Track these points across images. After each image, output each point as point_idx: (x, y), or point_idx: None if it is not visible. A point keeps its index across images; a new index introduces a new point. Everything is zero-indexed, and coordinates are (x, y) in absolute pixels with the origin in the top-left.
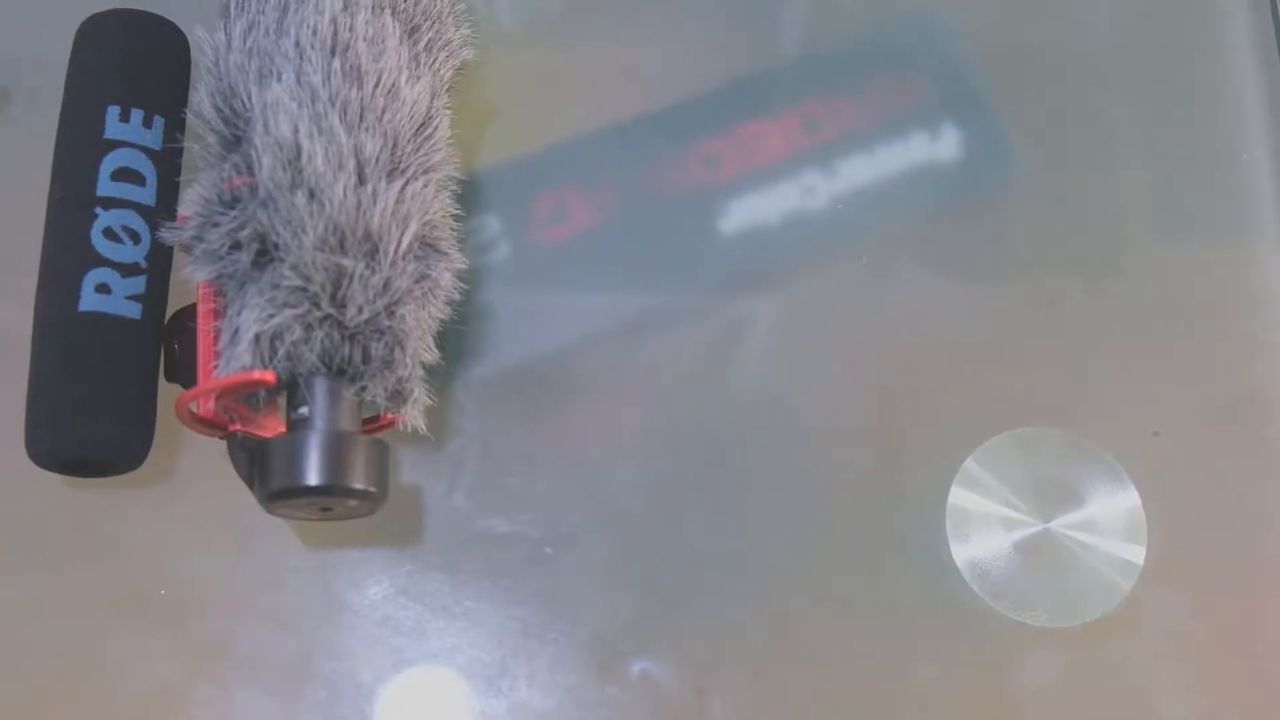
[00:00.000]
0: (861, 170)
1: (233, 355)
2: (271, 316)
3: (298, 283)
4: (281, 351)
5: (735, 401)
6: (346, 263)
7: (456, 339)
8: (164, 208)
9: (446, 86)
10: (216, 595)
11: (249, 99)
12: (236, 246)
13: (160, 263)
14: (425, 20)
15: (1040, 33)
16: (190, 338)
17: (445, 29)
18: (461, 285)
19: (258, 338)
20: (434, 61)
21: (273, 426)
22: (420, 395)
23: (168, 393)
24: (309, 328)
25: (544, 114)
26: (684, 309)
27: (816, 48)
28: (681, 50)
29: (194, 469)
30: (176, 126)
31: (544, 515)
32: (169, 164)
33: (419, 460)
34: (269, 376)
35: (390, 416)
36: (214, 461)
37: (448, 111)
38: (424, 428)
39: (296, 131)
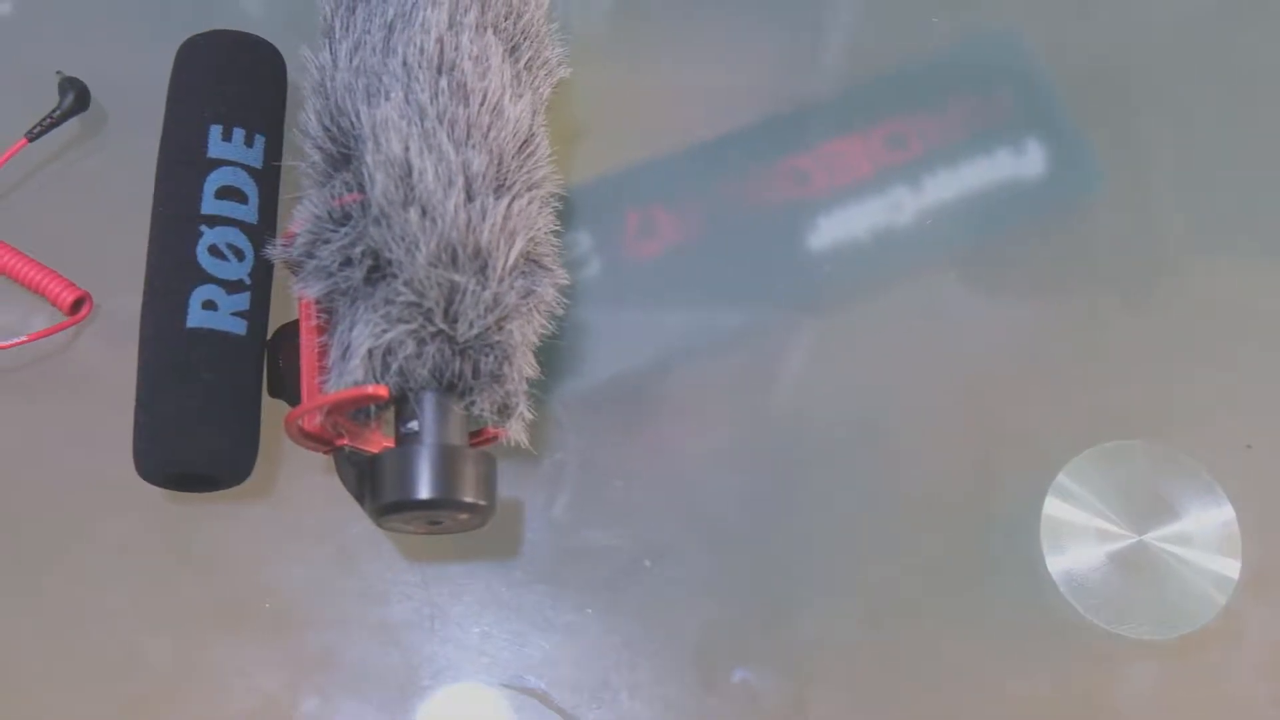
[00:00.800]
0: (947, 186)
1: (344, 370)
2: (385, 332)
3: (411, 298)
4: (394, 367)
5: (826, 414)
6: (459, 278)
7: (551, 353)
8: (265, 225)
9: (544, 104)
10: (320, 608)
11: (357, 117)
12: (348, 263)
13: (262, 279)
14: (524, 39)
15: (1120, 49)
16: (294, 354)
17: (543, 48)
18: (562, 300)
19: (370, 353)
20: (534, 80)
21: (376, 441)
22: (524, 409)
23: (269, 408)
24: (421, 343)
25: (633, 131)
26: (773, 323)
27: (900, 65)
28: (768, 68)
29: (294, 484)
30: (275, 145)
31: (641, 528)
32: (269, 182)
33: (518, 474)
34: (382, 391)
35: (494, 431)
36: (314, 476)
37: (545, 128)
38: (526, 442)
39: (407, 149)
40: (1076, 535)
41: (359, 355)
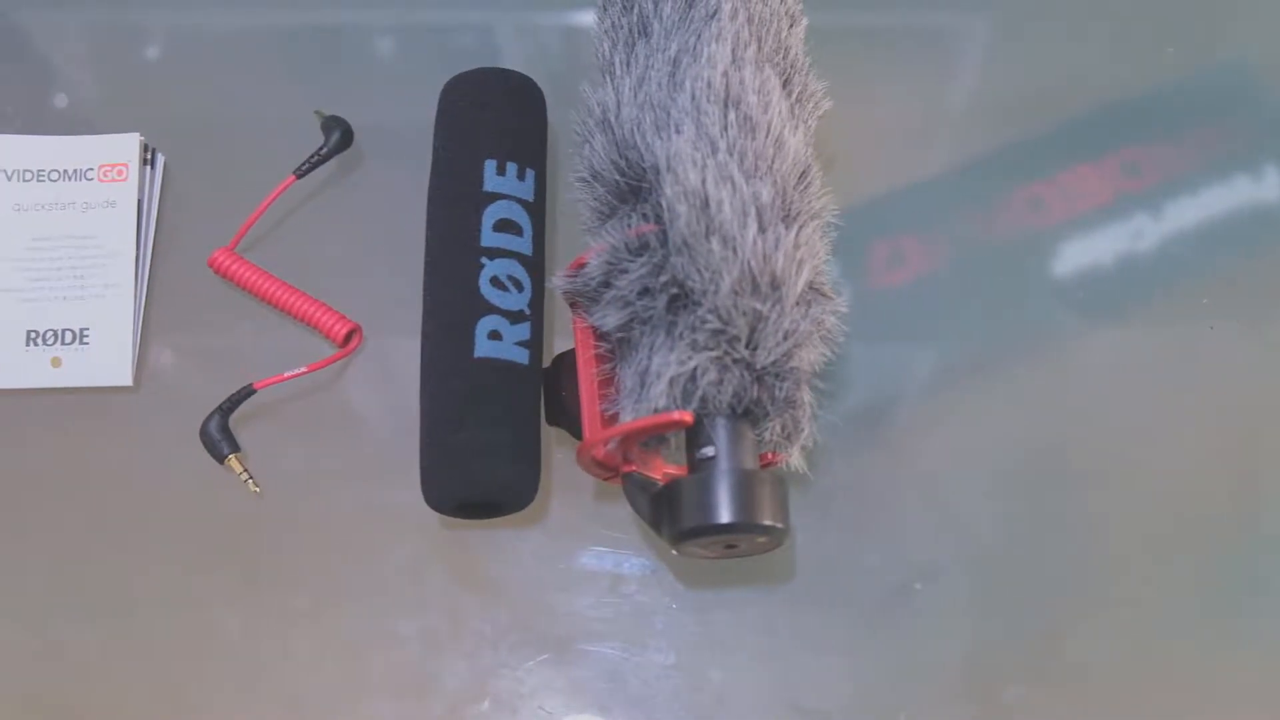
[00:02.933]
0: (1187, 213)
1: (643, 398)
2: (689, 359)
3: (717, 325)
4: (696, 393)
5: (1085, 437)
6: (761, 307)
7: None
8: (539, 257)
9: (813, 136)
10: (599, 631)
11: (647, 151)
12: (646, 292)
13: (539, 310)
14: (794, 73)
15: None
16: (573, 383)
17: (809, 81)
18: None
19: (673, 380)
20: (804, 112)
21: (658, 467)
22: (809, 435)
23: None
24: (723, 369)
25: (875, 162)
26: (1025, 348)
27: (1135, 94)
28: (1003, 99)
29: (566, 508)
30: (543, 179)
31: (910, 551)
32: (540, 215)
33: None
34: (688, 417)
35: (771, 456)
36: (584, 500)
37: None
38: (804, 466)
39: (704, 181)
40: None
41: (662, 382)
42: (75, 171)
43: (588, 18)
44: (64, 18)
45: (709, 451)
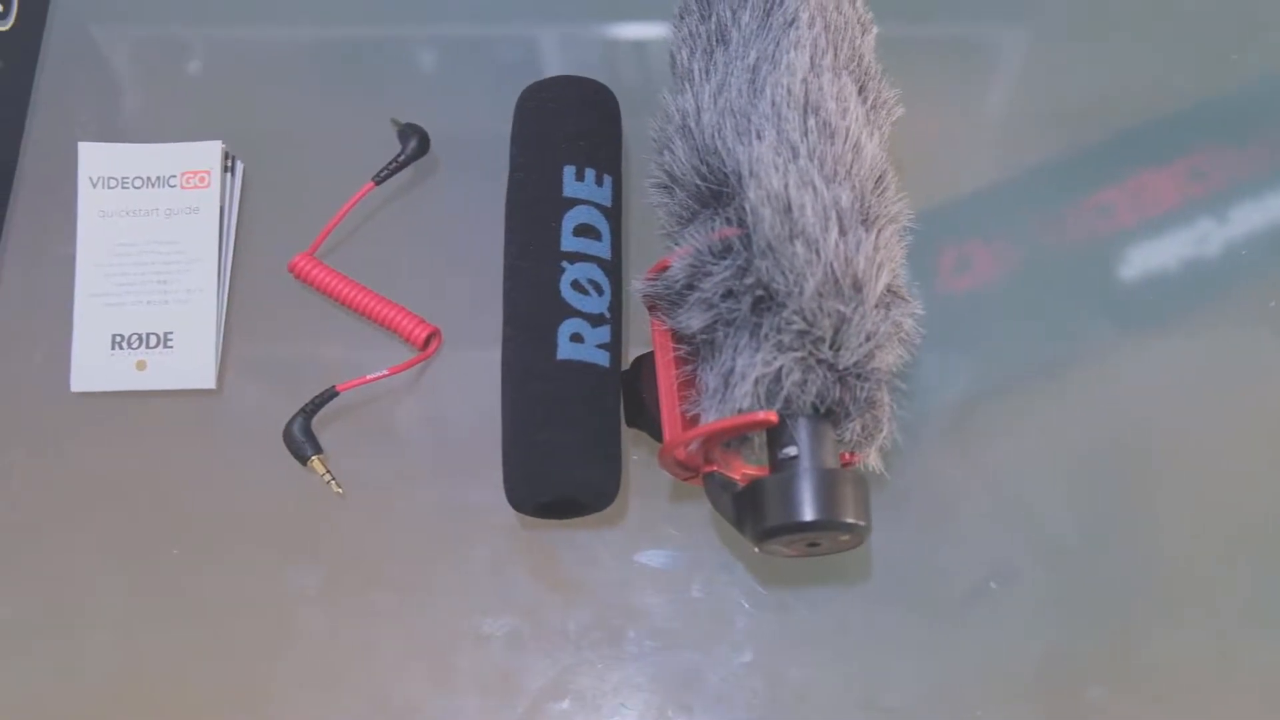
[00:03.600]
0: (1253, 217)
1: (727, 398)
2: (774, 360)
3: (802, 327)
4: (781, 394)
5: (1153, 439)
6: (844, 308)
7: None
8: (617, 261)
9: (887, 141)
10: (680, 630)
11: (728, 156)
12: (730, 294)
13: (618, 313)
14: (868, 80)
15: None
16: (652, 385)
17: (883, 89)
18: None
19: (758, 380)
20: (878, 118)
21: (738, 468)
22: (889, 435)
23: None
24: (807, 370)
25: (943, 168)
26: (1094, 351)
27: (1201, 100)
28: (1068, 106)
29: (645, 508)
30: (619, 183)
31: (985, 550)
32: (616, 220)
33: None
34: (772, 417)
35: (851, 456)
36: (660, 501)
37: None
38: (880, 466)
39: (786, 185)
40: None
41: (747, 383)
42: (159, 179)
43: (640, 29)
44: (138, 31)
45: (791, 451)
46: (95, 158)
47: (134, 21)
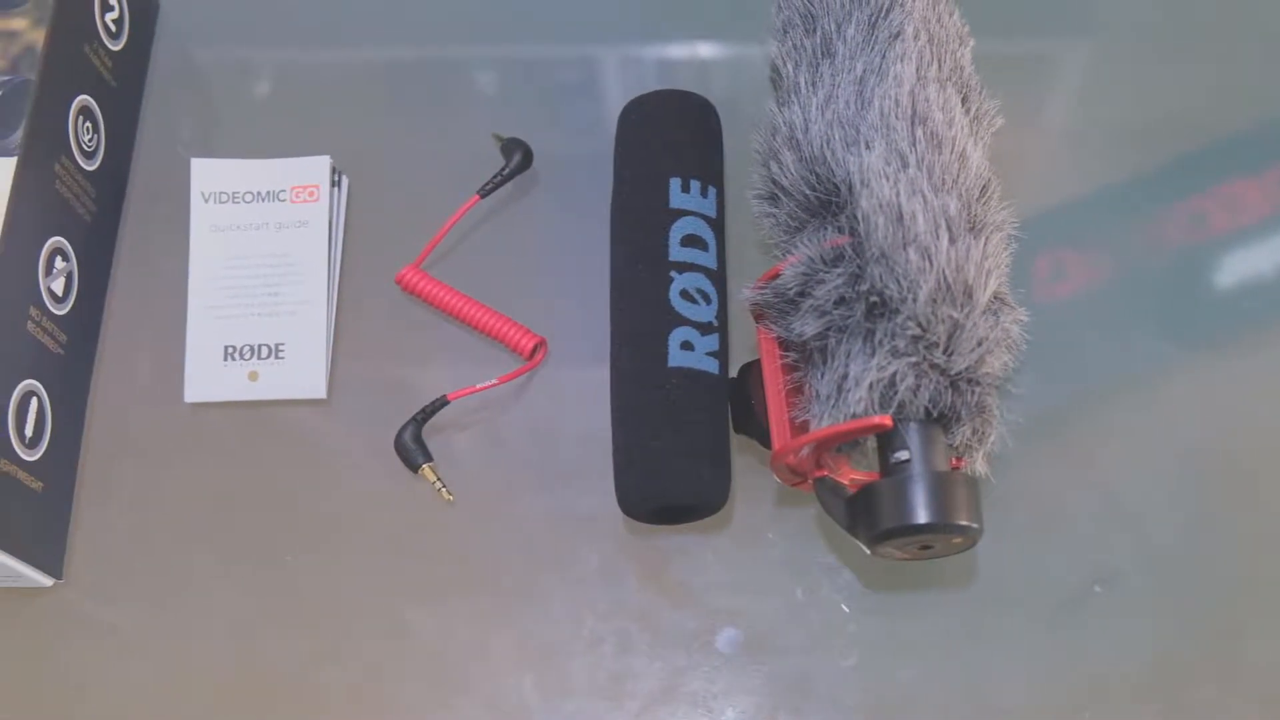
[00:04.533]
0: None
1: (840, 404)
2: (888, 365)
3: (917, 332)
4: (894, 399)
5: (1255, 441)
6: (956, 314)
7: None
8: (722, 271)
9: (988, 151)
10: (787, 635)
11: (838, 166)
12: (842, 301)
13: (724, 322)
14: (970, 91)
15: None
16: (762, 392)
17: (984, 100)
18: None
19: (872, 386)
20: (980, 129)
21: (845, 473)
22: (994, 440)
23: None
24: (920, 375)
25: (1035, 176)
26: (1189, 355)
27: None
28: (1158, 116)
29: (751, 514)
30: (722, 195)
31: (1087, 554)
32: (721, 230)
33: None
34: (887, 421)
35: (957, 461)
36: (766, 506)
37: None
38: (986, 471)
39: (897, 194)
40: None
41: (861, 388)
42: (269, 193)
43: (728, 48)
44: (237, 52)
45: (904, 455)
46: (207, 173)
47: (232, 43)
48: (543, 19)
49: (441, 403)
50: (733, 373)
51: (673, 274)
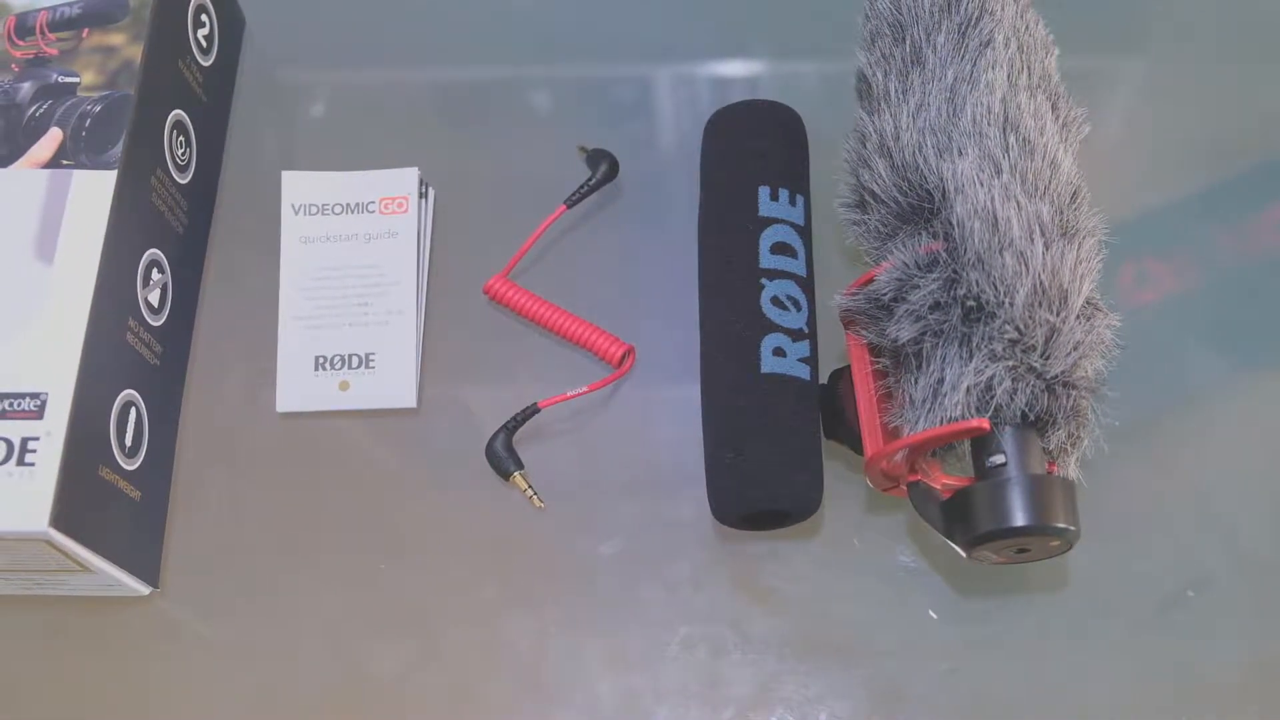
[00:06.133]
0: None
1: (936, 408)
2: (985, 368)
3: (1014, 336)
4: (991, 403)
5: None
6: (1053, 318)
7: None
8: (811, 278)
9: (1077, 158)
10: (879, 639)
11: (930, 173)
12: (937, 306)
13: (814, 328)
14: (1058, 98)
15: None
16: (854, 398)
17: (1072, 107)
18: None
19: (969, 389)
20: (1068, 135)
21: (937, 477)
22: (1088, 444)
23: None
24: (1017, 379)
25: (1118, 183)
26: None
27: None
28: (1248, 119)
29: (840, 519)
30: (808, 203)
31: (1180, 559)
32: (809, 238)
33: None
34: (985, 425)
35: (1050, 465)
36: (855, 511)
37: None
38: (1078, 475)
39: (992, 200)
40: None
41: (959, 392)
42: (358, 205)
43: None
44: (319, 68)
45: (999, 459)
46: (297, 186)
47: (314, 59)
48: (626, 38)
49: (533, 410)
50: (823, 379)
51: (764, 281)
